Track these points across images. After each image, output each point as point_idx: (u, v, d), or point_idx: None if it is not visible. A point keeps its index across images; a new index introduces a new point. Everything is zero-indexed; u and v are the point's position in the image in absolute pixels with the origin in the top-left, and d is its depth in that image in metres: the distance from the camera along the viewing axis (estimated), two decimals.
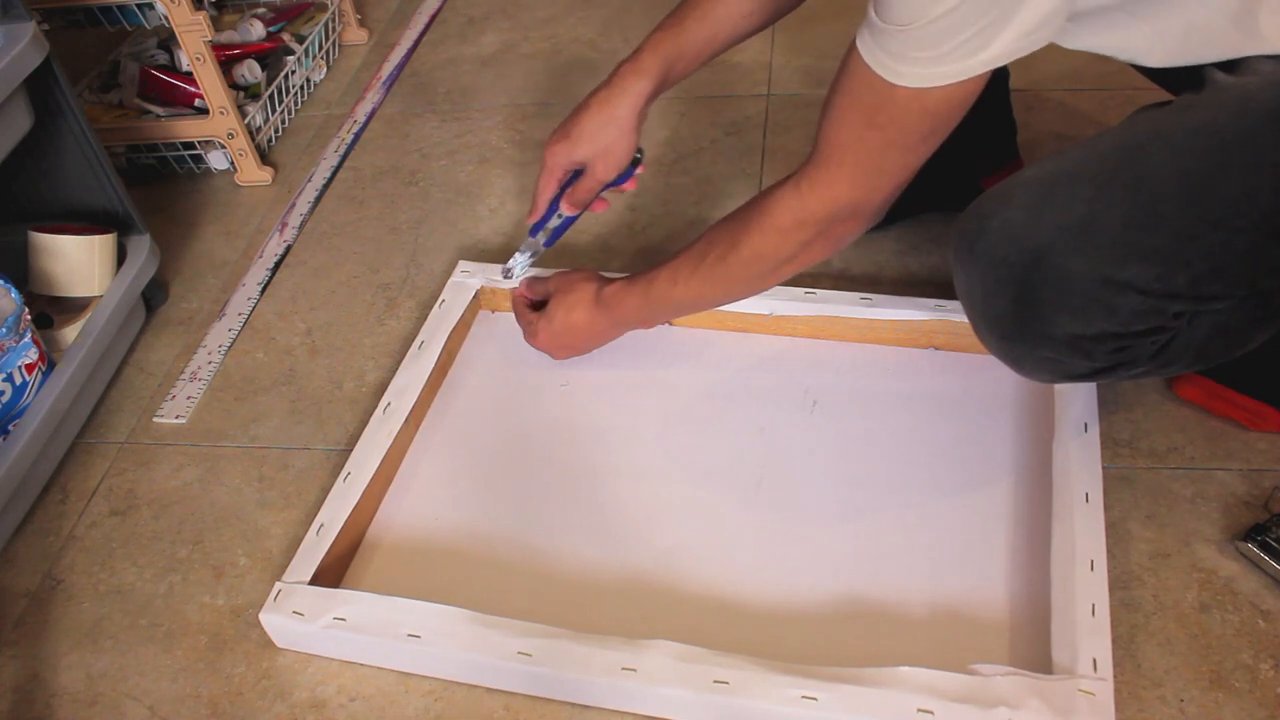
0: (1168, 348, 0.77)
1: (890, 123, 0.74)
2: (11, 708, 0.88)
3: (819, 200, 0.81)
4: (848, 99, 0.75)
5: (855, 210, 0.81)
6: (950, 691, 0.74)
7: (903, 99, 0.71)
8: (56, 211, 1.21)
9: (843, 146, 0.78)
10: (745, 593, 0.87)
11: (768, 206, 0.84)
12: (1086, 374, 0.80)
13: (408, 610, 0.84)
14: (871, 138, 0.75)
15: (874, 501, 0.92)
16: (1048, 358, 0.78)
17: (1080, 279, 0.72)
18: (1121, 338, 0.75)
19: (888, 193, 0.80)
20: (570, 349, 1.06)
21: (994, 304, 0.78)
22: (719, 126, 1.42)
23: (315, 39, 1.62)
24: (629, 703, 0.80)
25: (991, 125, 1.17)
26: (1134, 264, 0.71)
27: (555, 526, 0.94)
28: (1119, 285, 0.72)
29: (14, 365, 1.00)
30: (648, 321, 1.03)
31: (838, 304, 1.05)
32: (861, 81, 0.72)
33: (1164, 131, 0.73)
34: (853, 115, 0.75)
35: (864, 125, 0.75)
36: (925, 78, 0.69)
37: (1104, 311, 0.73)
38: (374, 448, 0.98)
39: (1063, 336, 0.75)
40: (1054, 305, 0.74)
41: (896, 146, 0.76)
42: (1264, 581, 0.84)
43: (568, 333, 1.04)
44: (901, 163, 0.77)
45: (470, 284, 1.15)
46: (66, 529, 1.03)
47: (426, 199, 1.38)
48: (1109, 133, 0.77)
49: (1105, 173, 0.73)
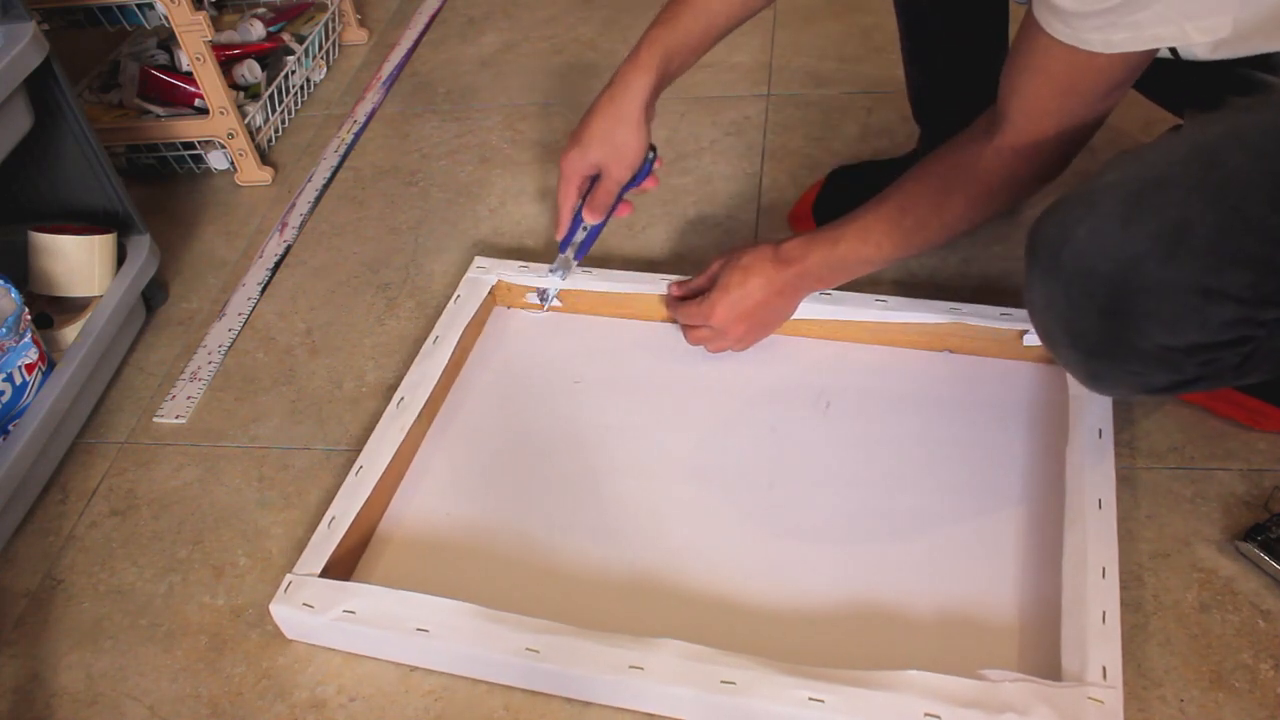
0: (1251, 358, 0.74)
1: (1089, 88, 0.77)
2: (11, 708, 0.88)
3: (1024, 162, 0.84)
4: (1042, 75, 0.78)
5: (1063, 163, 0.85)
6: (958, 696, 0.73)
7: (1102, 64, 0.74)
8: (56, 211, 1.21)
9: (1045, 114, 0.81)
10: (754, 593, 0.87)
11: (973, 170, 0.87)
12: (1169, 387, 0.77)
13: (417, 604, 0.84)
14: (1071, 103, 0.80)
15: (885, 504, 0.92)
16: (1132, 371, 0.75)
17: (1176, 289, 0.69)
18: (1210, 348, 0.72)
19: (1090, 132, 0.83)
20: (753, 320, 1.01)
21: (1080, 317, 0.74)
22: (719, 126, 1.42)
23: (315, 39, 1.62)
24: (635, 701, 0.80)
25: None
26: (1229, 271, 0.68)
27: (565, 524, 0.94)
28: (1215, 293, 0.69)
29: (14, 365, 1.00)
30: (828, 279, 1.00)
31: (852, 305, 1.04)
32: (1057, 56, 0.75)
33: (1240, 134, 0.71)
34: (1050, 88, 0.79)
35: (1063, 93, 0.79)
36: (1133, 41, 0.71)
37: (1197, 322, 0.70)
38: (386, 442, 0.98)
39: (1152, 349, 0.72)
40: (1147, 317, 0.71)
41: (1094, 96, 0.79)
42: (1264, 581, 0.84)
43: (748, 299, 0.99)
44: (1099, 109, 0.81)
45: (486, 279, 1.15)
46: (66, 529, 1.03)
47: (426, 199, 1.38)
48: (1180, 135, 0.75)
49: (1191, 177, 0.70)
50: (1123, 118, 1.31)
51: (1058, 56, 0.75)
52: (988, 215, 0.90)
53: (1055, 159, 0.85)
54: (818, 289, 1.03)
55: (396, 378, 1.10)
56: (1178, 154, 0.72)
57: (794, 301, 1.02)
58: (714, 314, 1.00)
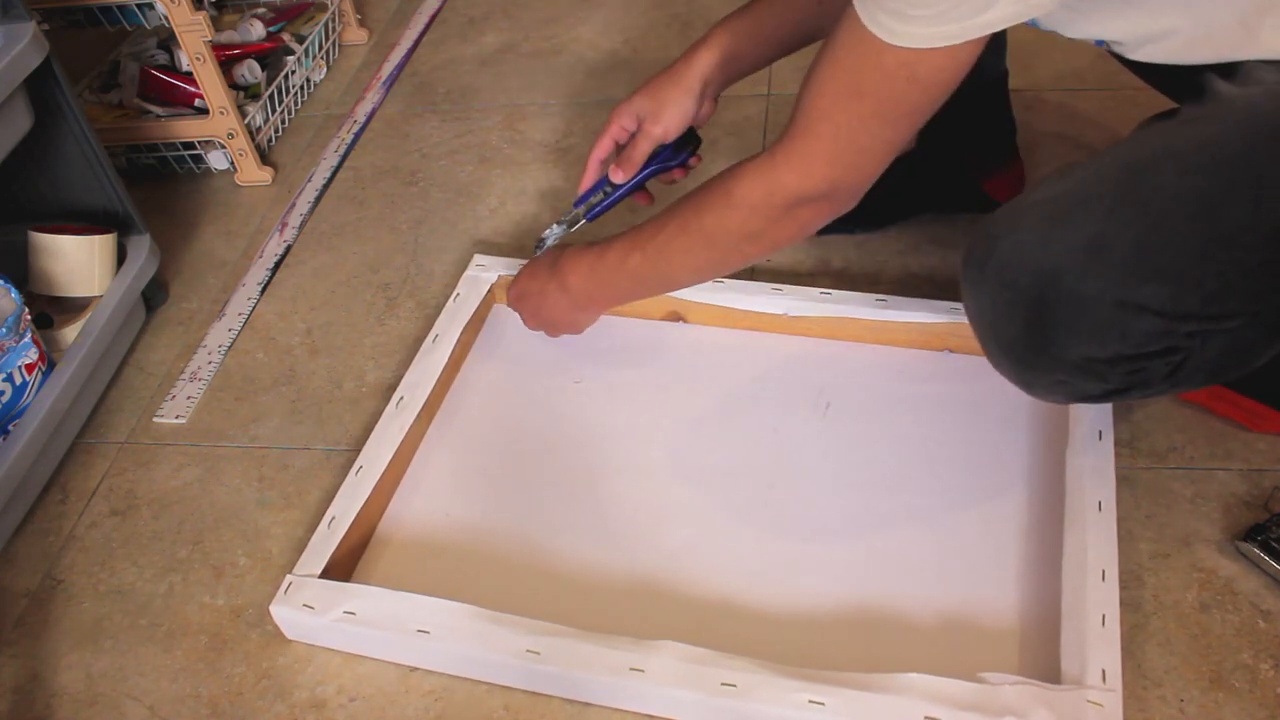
0: (1181, 368, 0.76)
1: (874, 91, 0.71)
2: (11, 708, 0.88)
3: (792, 173, 0.78)
4: (832, 65, 0.73)
5: (829, 190, 0.78)
6: (958, 699, 0.73)
7: (890, 65, 0.69)
8: (56, 211, 1.21)
9: (822, 116, 0.74)
10: (754, 595, 0.87)
11: (737, 177, 0.82)
12: (1099, 395, 0.79)
13: (417, 606, 0.84)
14: (853, 107, 0.73)
15: (885, 505, 0.92)
16: (1060, 380, 0.77)
17: (1093, 301, 0.71)
18: (1135, 359, 0.74)
19: (865, 174, 0.78)
20: (538, 319, 1.05)
21: (1005, 327, 0.77)
22: (719, 126, 1.42)
23: (315, 39, 1.62)
24: (635, 703, 0.80)
25: (991, 125, 1.17)
26: (1147, 285, 0.70)
27: (565, 525, 0.94)
28: (1132, 307, 0.71)
29: (14, 365, 1.00)
30: (599, 295, 0.98)
31: (853, 305, 1.05)
32: (850, 44, 0.70)
33: (1172, 148, 0.73)
34: (836, 82, 0.73)
35: (847, 93, 0.72)
36: (920, 37, 0.67)
37: (1117, 333, 0.72)
38: (386, 442, 0.98)
39: (1076, 359, 0.74)
40: (1067, 328, 0.73)
41: (878, 118, 0.73)
42: (1264, 581, 0.84)
43: (528, 296, 1.03)
44: (882, 138, 0.74)
45: (485, 277, 1.15)
46: (66, 529, 1.03)
47: (426, 199, 1.38)
48: (1116, 149, 0.76)
49: (1115, 192, 0.72)
50: (1116, 117, 1.31)
51: (850, 40, 0.70)
52: (751, 229, 0.82)
53: (822, 182, 0.77)
54: (594, 306, 1.01)
55: (396, 377, 1.10)
56: (1106, 171, 0.74)
57: (570, 309, 1.00)
58: (509, 295, 1.07)
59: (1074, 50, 0.81)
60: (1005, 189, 1.17)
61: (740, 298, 1.07)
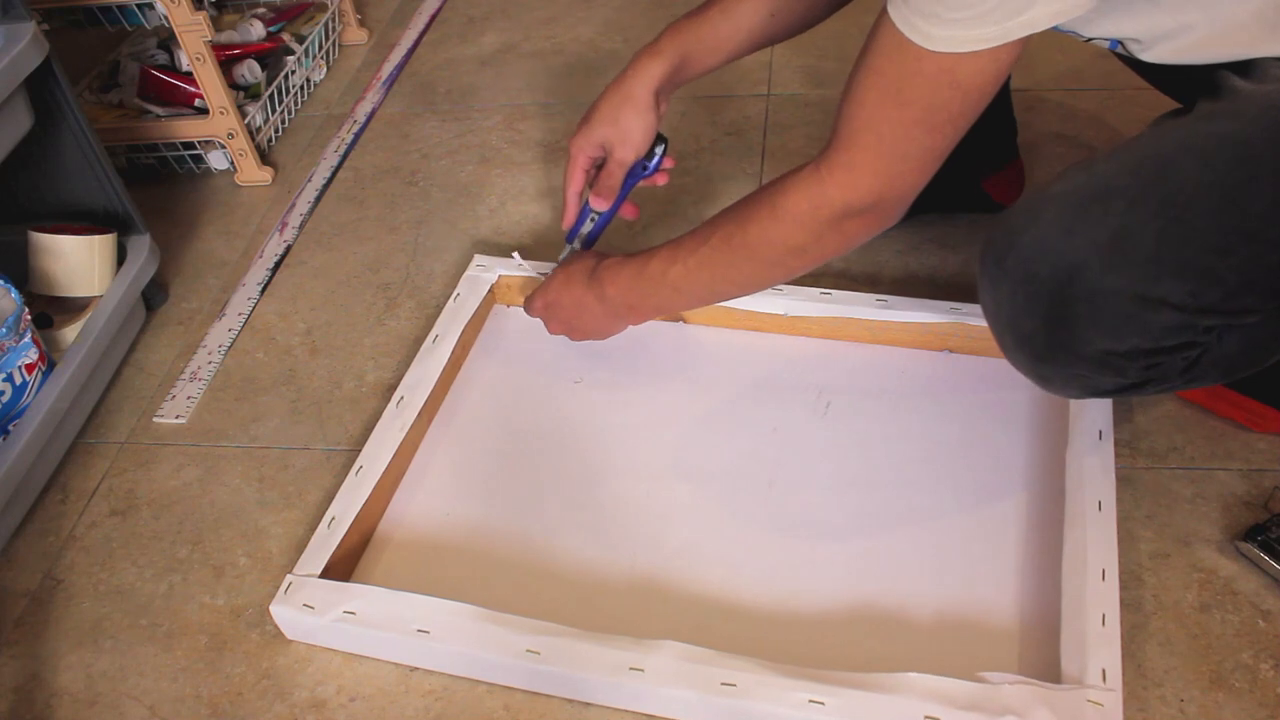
0: (1198, 363, 0.76)
1: (916, 99, 0.71)
2: (11, 708, 0.88)
3: (838, 186, 0.77)
4: (873, 74, 0.72)
5: (875, 201, 0.77)
6: (958, 699, 0.73)
7: (931, 71, 0.68)
8: (56, 211, 1.21)
9: (865, 127, 0.74)
10: (754, 594, 0.87)
11: (784, 189, 0.81)
12: (1115, 390, 0.79)
13: (417, 606, 0.84)
14: (896, 116, 0.72)
15: (885, 505, 0.92)
16: (1078, 374, 0.77)
17: (1114, 296, 0.71)
18: (1153, 354, 0.74)
19: (911, 184, 0.77)
20: (569, 327, 1.03)
21: (1024, 321, 0.76)
22: (719, 126, 1.42)
23: (315, 39, 1.62)
24: (635, 702, 0.80)
25: (992, 125, 1.16)
26: (1168, 280, 0.70)
27: (565, 524, 0.94)
28: (1153, 302, 0.71)
29: (14, 365, 1.00)
30: (640, 306, 0.97)
31: (853, 305, 1.05)
32: (889, 51, 0.69)
33: (1192, 143, 0.72)
34: (877, 91, 0.72)
35: (889, 102, 0.72)
36: (959, 41, 0.66)
37: (1137, 328, 0.72)
38: (386, 442, 0.98)
39: (1094, 354, 0.74)
40: (1087, 323, 0.73)
41: (922, 126, 0.72)
42: (1264, 581, 0.84)
43: (560, 306, 1.01)
44: (926, 146, 0.74)
45: (486, 277, 1.15)
46: (66, 529, 1.03)
47: (426, 199, 1.38)
48: (1135, 143, 0.76)
49: (1137, 187, 0.71)
50: (1117, 116, 1.31)
51: (888, 48, 0.69)
52: (797, 242, 0.82)
53: (868, 194, 0.77)
54: (633, 316, 1.00)
55: (396, 377, 1.10)
56: (1127, 164, 0.73)
57: (606, 317, 1.00)
58: (533, 305, 1.05)
59: (1074, 50, 0.81)
60: (1005, 189, 1.17)
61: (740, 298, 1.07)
